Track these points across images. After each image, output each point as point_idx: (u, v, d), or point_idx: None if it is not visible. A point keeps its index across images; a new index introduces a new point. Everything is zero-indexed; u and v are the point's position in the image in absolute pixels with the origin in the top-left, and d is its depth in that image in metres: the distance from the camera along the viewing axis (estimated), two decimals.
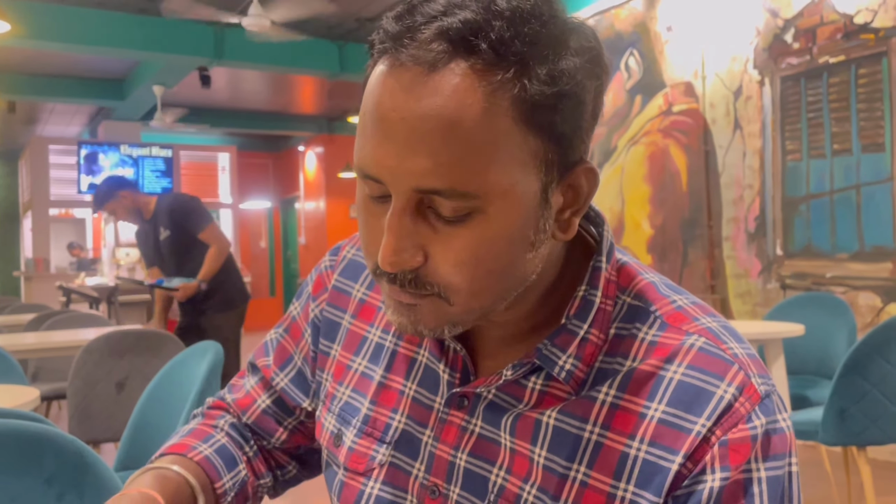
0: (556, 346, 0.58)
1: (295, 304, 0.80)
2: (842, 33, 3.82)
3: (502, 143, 0.50)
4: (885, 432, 2.41)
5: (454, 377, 0.64)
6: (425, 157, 0.50)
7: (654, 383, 0.56)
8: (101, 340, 2.89)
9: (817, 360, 3.17)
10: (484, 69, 0.49)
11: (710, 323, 0.59)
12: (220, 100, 9.31)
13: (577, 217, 0.57)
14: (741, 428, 0.53)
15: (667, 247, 4.80)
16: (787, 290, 4.08)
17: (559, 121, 0.51)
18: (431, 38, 0.50)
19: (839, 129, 3.84)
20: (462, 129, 0.49)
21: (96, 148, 9.12)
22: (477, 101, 0.49)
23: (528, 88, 0.50)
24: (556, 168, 0.53)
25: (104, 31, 6.14)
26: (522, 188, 0.52)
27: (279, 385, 0.78)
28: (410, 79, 0.50)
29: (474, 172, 0.50)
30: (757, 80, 4.25)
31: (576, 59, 0.52)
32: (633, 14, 5.01)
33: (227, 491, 0.73)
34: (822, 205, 3.93)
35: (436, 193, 0.51)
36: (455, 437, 0.63)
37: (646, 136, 4.94)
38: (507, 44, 0.49)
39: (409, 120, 0.50)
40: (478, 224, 0.52)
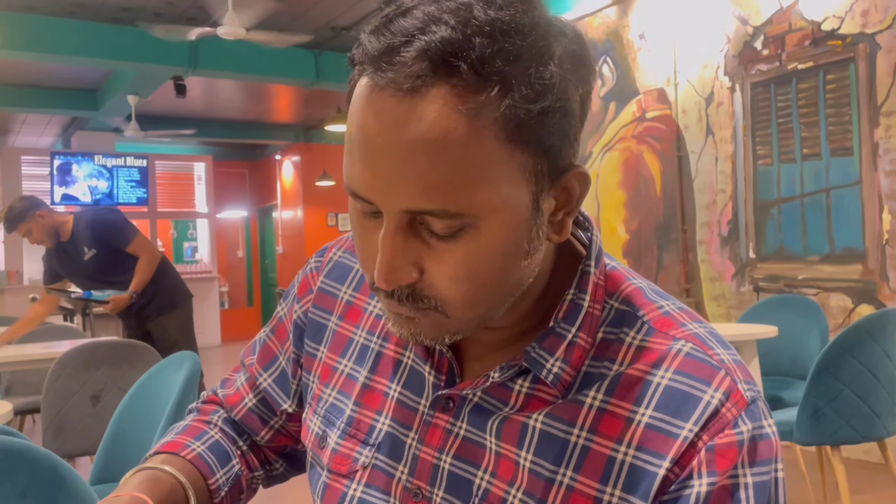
0: (544, 349, 0.58)
1: (282, 304, 0.80)
2: (810, 40, 3.89)
3: (489, 162, 0.50)
4: (858, 431, 2.45)
5: (440, 379, 0.64)
6: (413, 181, 0.49)
7: (641, 388, 0.56)
8: (74, 352, 2.85)
9: (791, 361, 3.22)
10: (466, 91, 0.48)
11: (696, 329, 0.59)
12: (195, 109, 9.25)
13: (570, 217, 0.57)
14: (728, 433, 0.54)
15: (642, 251, 4.85)
16: (761, 292, 4.14)
17: (546, 134, 0.51)
18: (411, 60, 0.48)
19: (808, 133, 3.91)
20: (448, 153, 0.49)
21: (69, 158, 9.01)
22: (461, 125, 0.48)
23: (511, 107, 0.49)
24: (546, 177, 0.53)
25: (77, 41, 6.08)
26: (514, 202, 0.52)
27: (262, 385, 0.79)
28: (393, 104, 0.49)
29: (463, 193, 0.50)
30: (728, 87, 4.32)
31: (560, 68, 0.51)
32: (606, 22, 5.07)
33: (220, 486, 0.73)
34: (793, 208, 4.00)
35: (426, 214, 0.51)
36: (439, 440, 0.62)
37: (620, 142, 4.99)
38: (489, 63, 0.48)
39: (394, 146, 0.49)
40: (471, 239, 0.52)
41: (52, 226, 3.69)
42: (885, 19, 3.58)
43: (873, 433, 2.48)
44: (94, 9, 5.78)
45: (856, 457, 3.53)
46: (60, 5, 5.69)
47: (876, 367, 2.46)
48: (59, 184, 8.85)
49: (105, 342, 3.02)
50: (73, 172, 8.96)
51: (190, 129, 8.41)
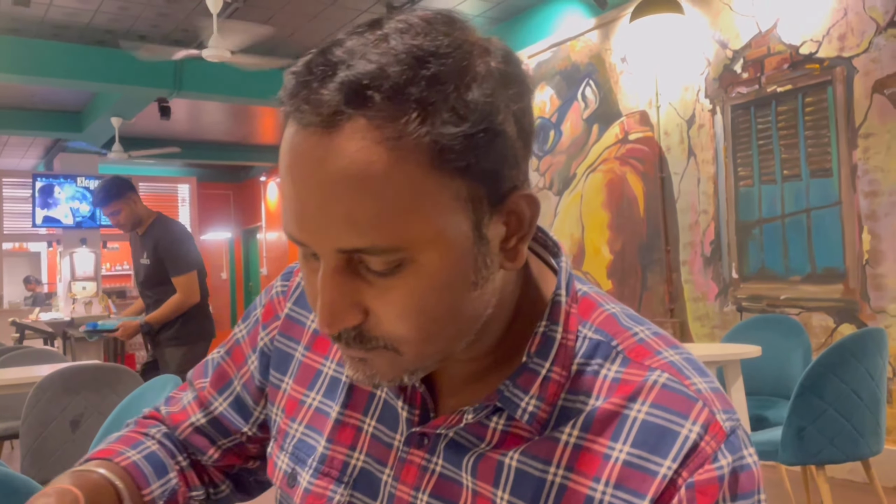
0: (518, 387, 0.57)
1: (241, 326, 0.77)
2: (788, 63, 3.95)
3: (418, 192, 0.48)
4: (842, 451, 2.46)
5: (413, 414, 0.62)
6: (340, 219, 0.48)
7: (617, 423, 0.55)
8: (54, 377, 2.81)
9: (774, 381, 3.23)
10: (383, 121, 0.47)
11: (672, 356, 0.58)
12: (179, 131, 9.24)
13: (524, 243, 0.55)
14: (707, 469, 0.52)
15: (626, 272, 4.87)
16: (744, 312, 4.16)
17: (476, 158, 0.49)
18: (327, 95, 0.47)
19: (788, 155, 3.97)
20: (372, 187, 0.47)
21: (52, 180, 8.95)
22: (381, 156, 0.47)
23: (433, 133, 0.47)
24: (486, 203, 0.51)
25: (61, 63, 6.07)
26: (451, 232, 0.50)
27: (217, 410, 0.76)
28: (314, 143, 0.48)
29: (394, 227, 0.48)
30: (709, 109, 4.37)
31: (484, 88, 0.49)
32: (589, 46, 5.13)
33: (155, 499, 0.70)
34: (775, 229, 4.04)
35: (359, 252, 0.49)
36: (415, 478, 0.60)
37: (603, 163, 5.03)
38: (404, 90, 0.47)
39: (318, 185, 0.48)
40: (411, 274, 0.50)
41: (138, 214, 3.62)
42: (862, 43, 3.65)
43: (857, 452, 2.49)
44: (78, 31, 5.78)
45: (840, 476, 3.54)
46: (44, 27, 5.68)
47: (859, 387, 2.47)
48: (41, 206, 8.79)
49: (85, 366, 2.98)
50: (55, 194, 8.90)
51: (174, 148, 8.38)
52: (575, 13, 5.19)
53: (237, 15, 5.23)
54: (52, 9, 5.28)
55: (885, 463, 3.17)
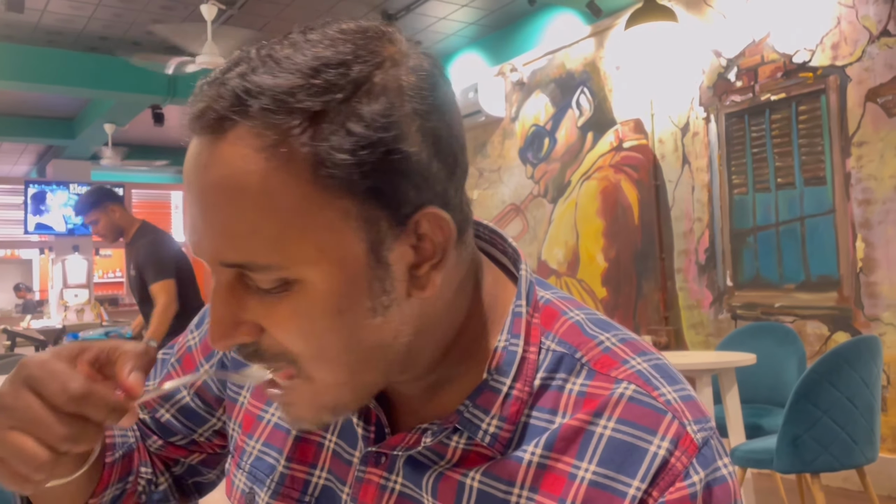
0: (479, 408, 0.54)
1: (193, 332, 0.74)
2: (782, 72, 3.97)
3: (297, 207, 0.45)
4: (837, 459, 2.46)
5: (369, 431, 0.59)
6: (219, 230, 0.47)
7: (582, 440, 0.52)
8: None
9: (769, 389, 3.23)
10: (264, 130, 0.45)
11: (639, 365, 0.54)
12: (173, 138, 9.22)
13: (439, 271, 0.51)
14: (679, 486, 0.49)
15: (621, 279, 4.87)
16: (738, 320, 4.16)
17: (368, 175, 0.46)
18: (220, 102, 0.46)
19: (782, 163, 3.98)
20: (248, 198, 0.45)
21: (44, 187, 8.92)
22: (259, 169, 0.45)
23: (317, 146, 0.45)
24: (386, 223, 0.48)
25: (56, 70, 6.05)
26: (337, 254, 0.47)
27: (163, 417, 0.73)
28: (200, 149, 0.47)
29: (271, 243, 0.46)
30: (703, 117, 4.39)
31: (383, 101, 0.46)
32: (583, 54, 5.14)
33: (116, 445, 0.68)
34: (769, 237, 4.04)
35: (237, 267, 0.47)
36: (374, 497, 0.57)
37: (598, 171, 5.03)
38: (289, 100, 0.45)
39: (202, 193, 0.47)
40: (298, 294, 0.48)
41: (117, 224, 3.57)
42: (855, 52, 3.67)
43: (852, 460, 2.49)
44: (72, 37, 5.77)
45: (835, 484, 3.54)
46: (38, 34, 5.66)
47: (854, 395, 2.47)
48: (34, 212, 8.75)
49: None
50: (48, 201, 8.86)
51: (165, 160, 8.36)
52: (570, 21, 5.20)
53: (231, 22, 5.22)
54: (45, 15, 5.27)
55: (880, 471, 3.17)
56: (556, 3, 5.02)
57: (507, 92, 5.72)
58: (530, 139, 5.54)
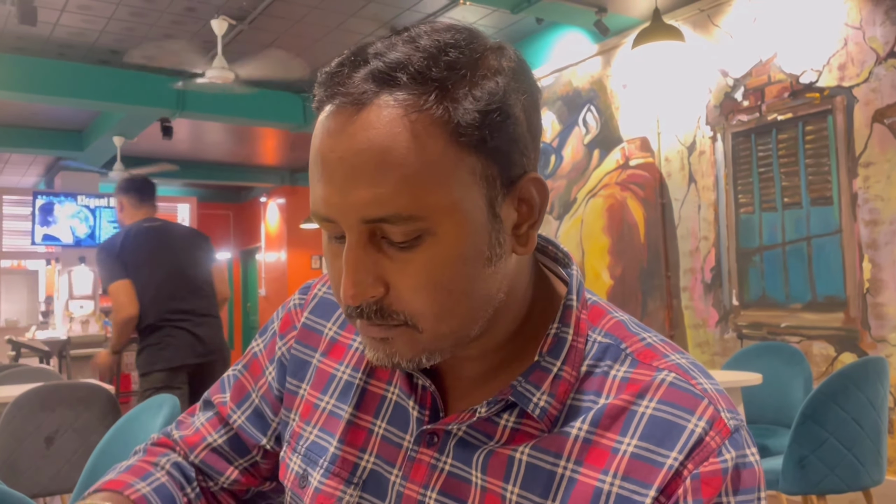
0: (531, 383, 0.59)
1: (258, 340, 0.79)
2: (789, 92, 3.98)
3: (437, 165, 0.52)
4: (843, 481, 2.44)
5: (423, 414, 0.63)
6: (365, 189, 0.52)
7: (626, 418, 0.57)
8: (31, 394, 2.80)
9: (775, 409, 3.21)
10: (407, 99, 0.52)
11: (679, 359, 0.60)
12: (181, 151, 9.27)
13: (535, 230, 0.59)
14: (712, 461, 0.54)
15: (626, 297, 4.86)
16: (744, 339, 4.15)
17: (489, 136, 0.53)
18: (358, 81, 0.53)
19: (789, 182, 3.98)
20: (395, 158, 0.51)
21: (52, 198, 8.95)
22: (404, 129, 0.51)
23: (451, 110, 0.52)
24: (500, 182, 0.55)
25: (66, 83, 6.10)
26: (467, 205, 0.54)
27: (236, 423, 0.77)
28: (342, 120, 0.53)
29: (414, 196, 0.52)
30: (709, 136, 4.39)
31: (497, 78, 0.54)
32: (590, 72, 5.16)
33: None
34: (775, 256, 4.03)
35: (381, 222, 0.53)
36: (424, 476, 0.62)
37: (604, 188, 5.04)
38: (426, 72, 0.52)
39: (346, 158, 0.52)
40: (429, 246, 0.53)
41: (120, 217, 3.46)
42: (862, 73, 3.67)
43: (859, 482, 2.47)
44: (83, 50, 5.82)
45: None
46: (49, 46, 5.72)
47: (860, 416, 2.45)
48: (41, 223, 8.77)
49: (62, 384, 2.97)
50: (55, 212, 8.90)
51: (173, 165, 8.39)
52: (577, 39, 5.23)
53: (241, 37, 5.27)
54: (57, 28, 5.32)
55: (887, 493, 3.14)
56: (563, 21, 5.05)
57: None
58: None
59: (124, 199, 3.45)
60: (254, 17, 5.04)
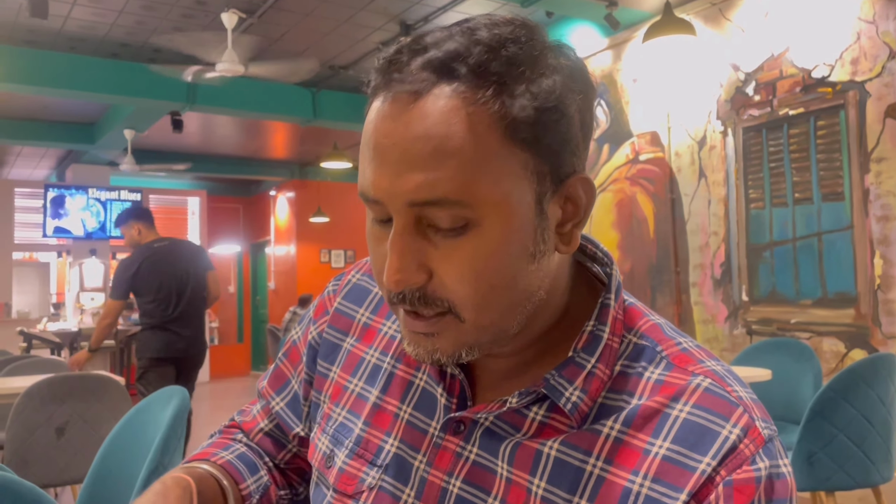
0: (564, 378, 0.59)
1: (297, 329, 0.81)
2: (801, 87, 3.95)
3: (491, 157, 0.52)
4: (852, 477, 2.43)
5: (451, 402, 0.64)
6: (417, 173, 0.52)
7: (659, 420, 0.56)
8: (42, 385, 2.82)
9: (784, 405, 3.20)
10: (465, 91, 0.52)
11: (714, 366, 0.60)
12: (191, 144, 9.30)
13: (579, 229, 0.59)
14: (746, 469, 0.53)
15: (635, 292, 4.85)
16: (754, 335, 4.13)
17: (543, 134, 0.54)
18: (417, 69, 0.53)
19: (800, 178, 3.95)
20: (450, 147, 0.52)
21: (63, 191, 9.01)
22: (461, 120, 0.52)
23: (508, 105, 0.52)
24: (549, 179, 0.55)
25: (76, 75, 6.13)
26: (516, 199, 0.54)
27: (275, 409, 0.80)
28: (399, 107, 0.53)
29: (466, 184, 0.52)
30: (720, 131, 4.37)
31: (555, 76, 0.54)
32: (600, 66, 5.14)
33: (251, 493, 0.74)
34: (786, 252, 4.02)
35: (430, 204, 0.53)
36: (449, 463, 0.62)
37: (614, 183, 5.02)
38: (486, 66, 0.52)
39: (400, 143, 0.53)
40: (475, 236, 0.54)
41: (135, 239, 4.14)
42: (875, 67, 3.64)
43: (868, 479, 2.46)
44: (93, 44, 5.84)
45: (850, 503, 3.49)
46: (60, 40, 5.74)
47: (870, 412, 2.44)
48: (53, 216, 8.83)
49: (73, 375, 3.00)
50: (67, 205, 8.95)
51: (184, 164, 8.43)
52: (587, 33, 5.21)
53: (251, 31, 5.27)
54: (69, 21, 5.35)
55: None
56: (573, 15, 5.03)
57: None
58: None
59: (140, 225, 4.15)
60: (263, 11, 5.04)
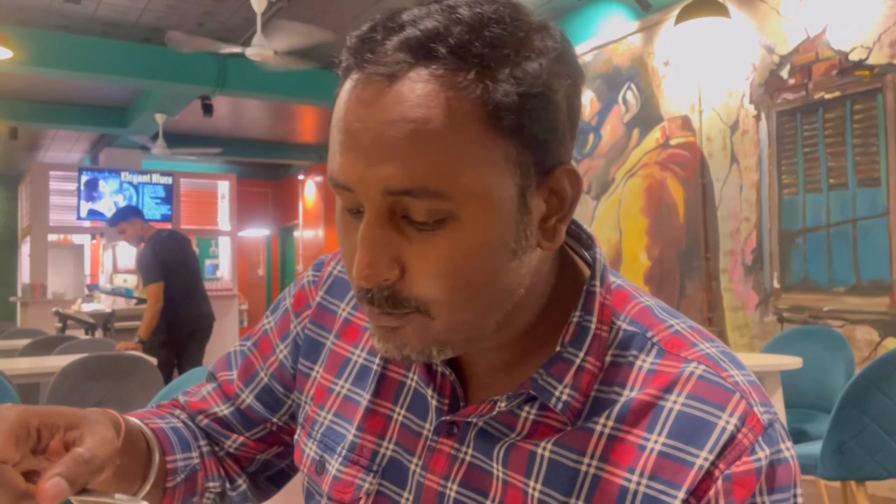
0: (552, 376, 0.56)
1: (269, 318, 0.77)
2: (837, 70, 3.87)
3: (471, 145, 0.49)
4: (884, 467, 2.40)
5: (443, 403, 0.61)
6: (393, 160, 0.49)
7: (653, 414, 0.54)
8: (77, 364, 2.88)
9: (815, 394, 3.16)
10: (445, 73, 0.49)
11: (709, 349, 0.57)
12: (221, 128, 9.38)
13: (564, 224, 0.55)
14: (745, 461, 0.51)
15: (664, 279, 4.81)
16: (785, 323, 4.08)
17: (528, 122, 0.50)
18: (392, 49, 0.49)
19: (835, 163, 3.88)
20: (428, 133, 0.48)
21: (97, 174, 9.14)
22: (440, 105, 0.48)
23: (491, 90, 0.49)
24: (533, 171, 0.52)
25: (108, 60, 6.20)
26: (497, 192, 0.50)
27: (244, 402, 0.75)
28: (373, 91, 0.50)
29: (444, 174, 0.49)
30: (753, 115, 4.30)
31: (541, 60, 0.51)
32: (631, 49, 5.08)
33: (177, 469, 0.69)
34: (819, 238, 3.95)
35: (406, 194, 0.49)
36: (444, 467, 0.60)
37: (643, 168, 4.97)
38: (467, 47, 0.49)
39: (374, 128, 0.49)
40: (453, 231, 0.50)
41: (139, 233, 4.55)
42: None
43: None
44: (126, 28, 5.90)
45: (881, 494, 3.44)
46: (93, 24, 5.81)
47: None
48: (86, 199, 8.97)
49: (107, 355, 3.06)
50: (100, 188, 9.09)
51: (216, 148, 8.51)
52: (618, 16, 5.14)
53: (281, 14, 5.28)
54: (101, 6, 5.40)
55: None
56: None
57: None
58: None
59: (138, 221, 4.59)
60: None
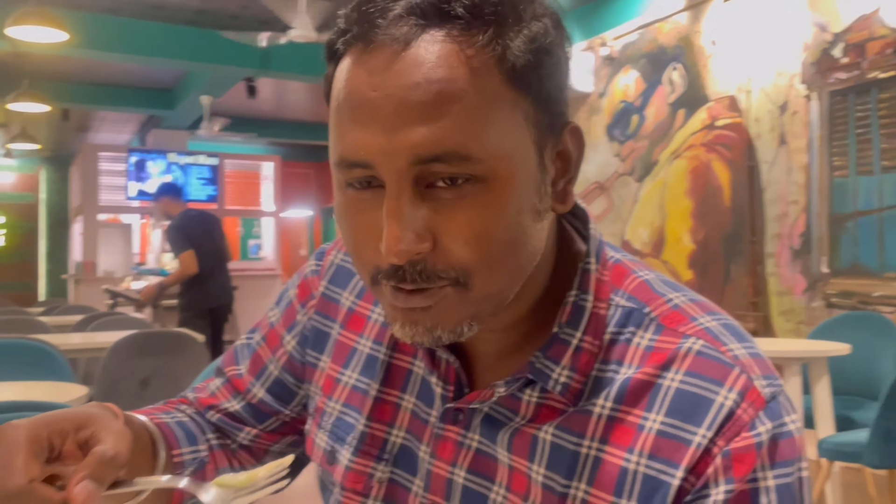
0: (549, 359, 0.56)
1: (273, 310, 0.76)
2: (892, 48, 3.74)
3: (495, 104, 0.48)
4: None
5: (447, 390, 0.61)
6: (420, 124, 0.47)
7: (651, 393, 0.53)
8: (128, 340, 2.98)
9: (863, 381, 3.09)
10: (462, 33, 0.48)
11: (708, 322, 0.55)
12: (265, 110, 9.47)
13: (572, 185, 0.55)
14: (744, 436, 0.50)
15: (708, 262, 4.73)
16: (833, 308, 3.99)
17: (544, 79, 0.50)
18: (400, 15, 0.48)
19: (889, 145, 3.76)
20: (455, 93, 0.47)
21: (145, 155, 9.33)
22: (462, 65, 0.47)
23: (508, 48, 0.48)
24: (548, 131, 0.52)
25: (156, 42, 6.30)
26: (521, 152, 0.50)
27: (256, 397, 0.75)
28: (387, 58, 0.48)
29: (473, 136, 0.47)
30: (804, 95, 4.18)
31: (545, 20, 0.51)
32: (677, 28, 4.98)
33: (185, 463, 0.68)
34: (870, 222, 3.84)
35: (435, 160, 0.47)
36: (451, 453, 0.60)
37: (688, 150, 4.88)
38: (480, 6, 0.48)
39: (396, 94, 0.47)
40: (482, 193, 0.49)
41: (167, 211, 5.00)
42: None
43: None
44: (171, 11, 5.99)
45: None
46: (140, 7, 5.90)
47: None
48: (135, 179, 9.17)
49: (156, 332, 3.16)
50: (148, 169, 9.27)
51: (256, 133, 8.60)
52: None
53: None
54: None
55: None
56: None
57: (596, 67, 5.61)
58: (618, 116, 5.42)
59: (167, 199, 4.99)
60: None
